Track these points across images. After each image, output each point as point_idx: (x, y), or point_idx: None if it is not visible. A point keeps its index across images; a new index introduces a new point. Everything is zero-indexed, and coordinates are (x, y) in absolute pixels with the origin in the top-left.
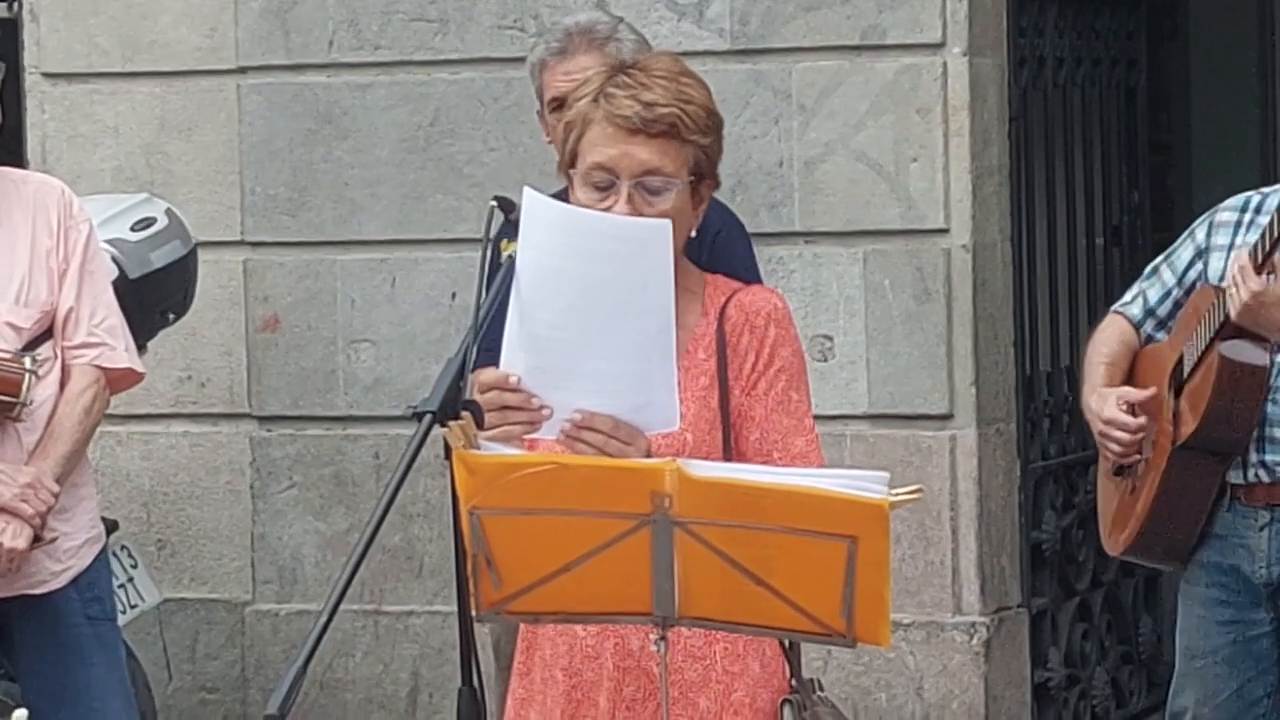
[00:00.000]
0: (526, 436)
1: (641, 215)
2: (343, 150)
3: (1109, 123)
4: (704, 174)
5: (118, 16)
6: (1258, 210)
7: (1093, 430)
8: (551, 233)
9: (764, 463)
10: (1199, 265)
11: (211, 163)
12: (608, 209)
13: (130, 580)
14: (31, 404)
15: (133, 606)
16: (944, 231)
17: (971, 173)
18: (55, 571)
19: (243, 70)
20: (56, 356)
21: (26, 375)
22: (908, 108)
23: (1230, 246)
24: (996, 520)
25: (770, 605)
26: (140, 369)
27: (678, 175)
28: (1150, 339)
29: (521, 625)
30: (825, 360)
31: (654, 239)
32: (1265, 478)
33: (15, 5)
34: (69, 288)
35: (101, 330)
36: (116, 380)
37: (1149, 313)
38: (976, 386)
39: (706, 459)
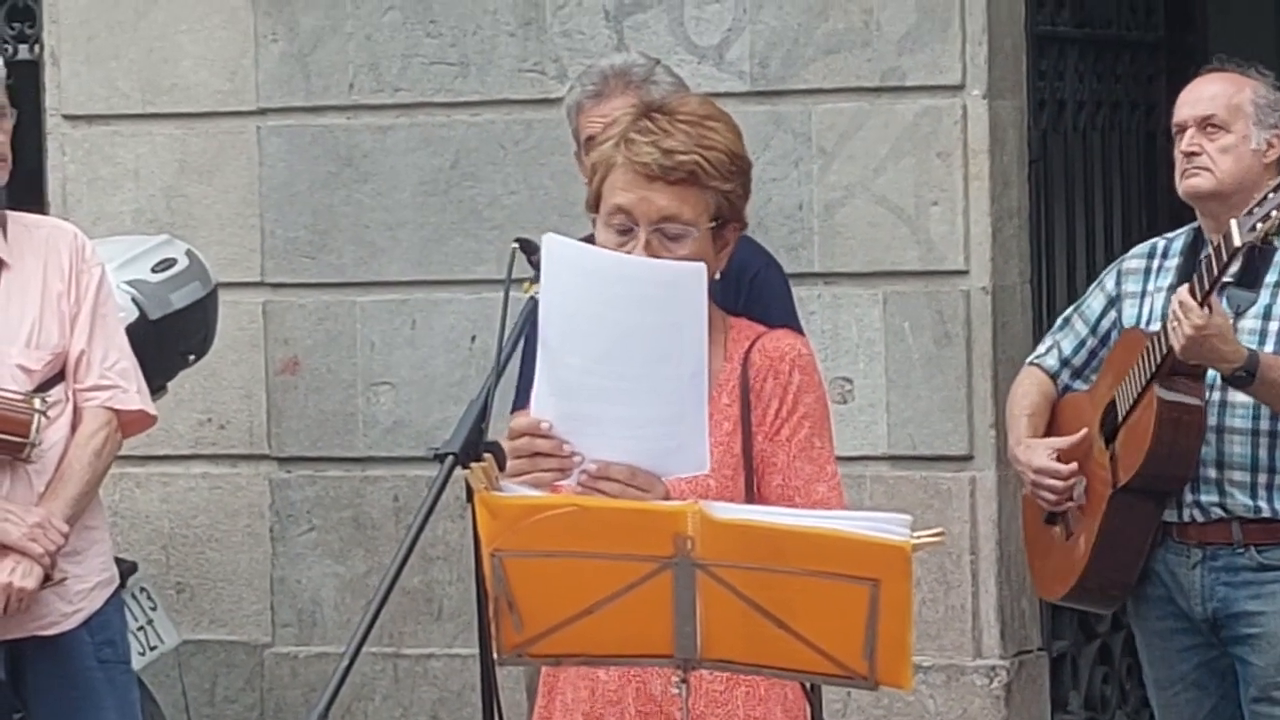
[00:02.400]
0: (555, 484)
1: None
2: (363, 192)
3: (1129, 166)
4: (727, 219)
5: (138, 59)
6: (1164, 255)
7: (1024, 481)
8: (580, 276)
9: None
10: (1112, 314)
11: (232, 205)
12: (627, 254)
13: (149, 622)
14: (41, 444)
15: (152, 649)
16: (964, 274)
17: (991, 215)
18: (66, 613)
19: (263, 113)
20: (68, 399)
21: (36, 416)
22: (928, 150)
23: (1143, 293)
24: (1016, 563)
25: (792, 648)
26: (152, 412)
27: (697, 222)
28: (1067, 388)
29: (543, 669)
30: (845, 402)
31: (689, 282)
32: (1199, 517)
33: (36, 48)
34: (81, 331)
35: (113, 373)
36: (129, 423)
37: (1064, 363)
38: (996, 429)
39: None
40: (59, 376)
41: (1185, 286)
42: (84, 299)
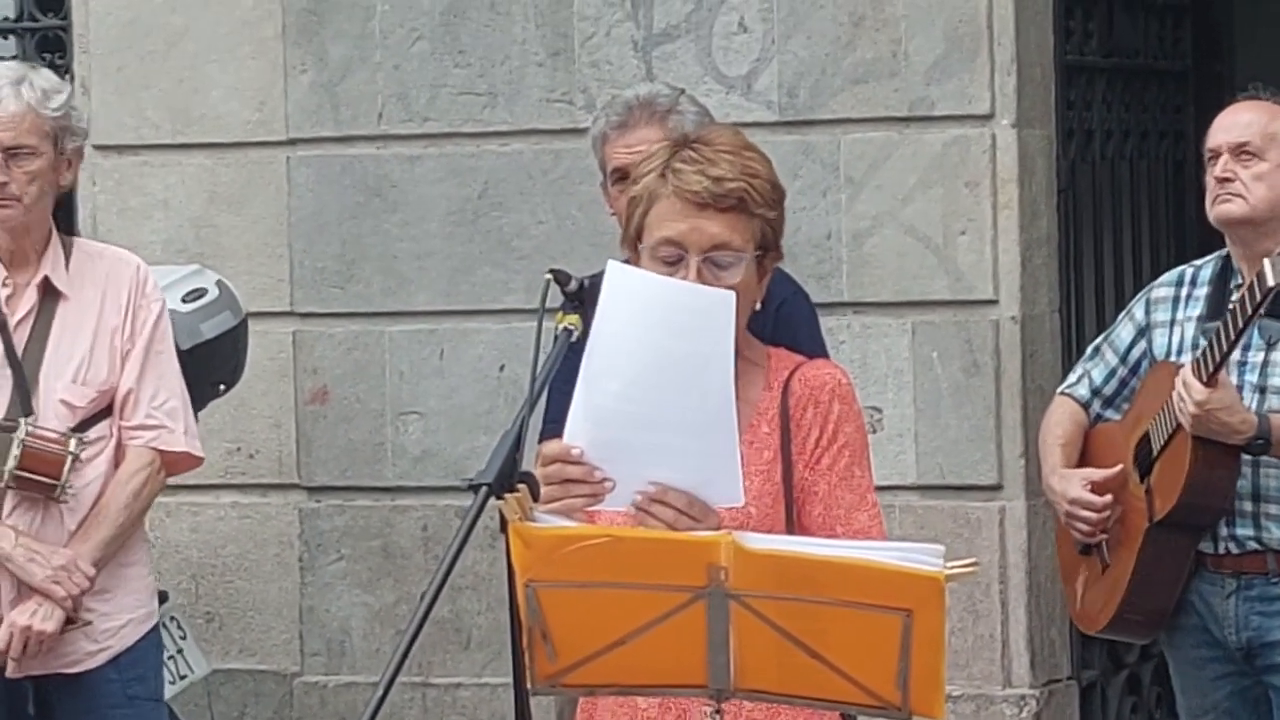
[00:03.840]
0: (587, 510)
1: None
2: (392, 222)
3: (1157, 195)
4: (769, 247)
5: (168, 90)
6: (1193, 283)
7: (1057, 511)
8: (631, 303)
9: (827, 538)
10: (1142, 343)
11: (261, 235)
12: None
13: (179, 651)
14: (71, 487)
15: (181, 678)
16: (993, 303)
17: (1020, 244)
18: (91, 651)
19: (292, 143)
20: (112, 435)
21: (68, 458)
22: (956, 180)
23: (1172, 321)
24: (1046, 592)
25: (825, 678)
26: (198, 453)
27: (745, 249)
28: (1099, 418)
29: (581, 697)
30: (874, 432)
31: (718, 310)
32: (1234, 549)
33: (67, 78)
34: (131, 368)
35: (160, 412)
36: (174, 463)
37: (1095, 392)
38: (1026, 458)
39: (770, 533)
40: (105, 412)
41: (1189, 366)
42: (139, 335)
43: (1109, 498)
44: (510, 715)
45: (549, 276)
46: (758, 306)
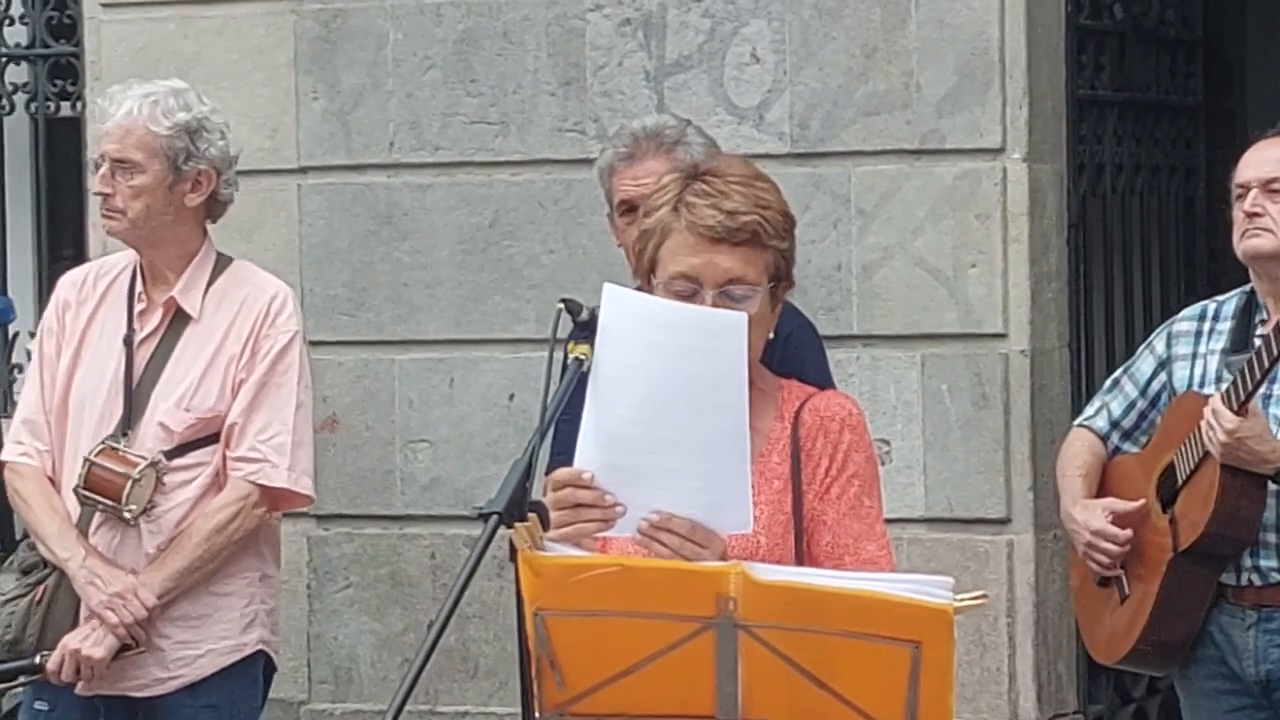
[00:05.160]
0: (598, 536)
1: None
2: (402, 250)
3: (1168, 230)
4: (782, 277)
5: None
6: (1215, 318)
7: (1076, 542)
8: (632, 325)
9: (835, 567)
10: (1162, 376)
11: (271, 262)
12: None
13: None
14: (135, 509)
15: None
16: (1002, 337)
17: (1030, 278)
18: (160, 678)
19: (304, 170)
20: (211, 463)
21: (128, 482)
22: (967, 213)
23: (1194, 355)
24: (1053, 626)
25: (834, 709)
26: (304, 491)
27: (760, 282)
28: (1117, 450)
29: None
30: (883, 464)
31: (729, 332)
32: (1257, 581)
33: (79, 104)
34: (243, 398)
35: (267, 446)
36: (278, 499)
37: (1114, 424)
38: (1034, 492)
39: (779, 562)
40: (211, 438)
41: (1218, 395)
42: (256, 366)
43: (1129, 532)
44: None
45: (561, 306)
46: (771, 335)
